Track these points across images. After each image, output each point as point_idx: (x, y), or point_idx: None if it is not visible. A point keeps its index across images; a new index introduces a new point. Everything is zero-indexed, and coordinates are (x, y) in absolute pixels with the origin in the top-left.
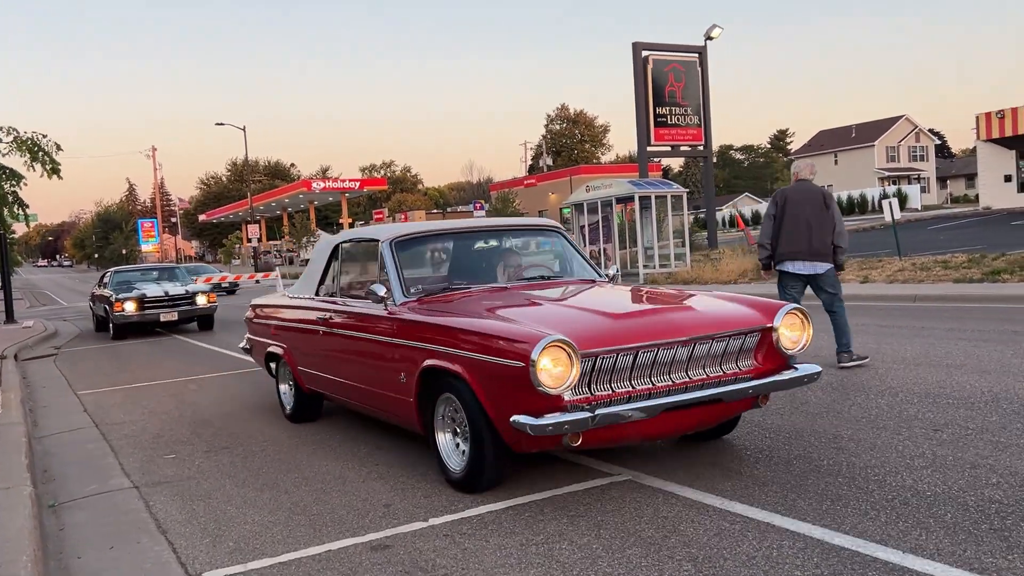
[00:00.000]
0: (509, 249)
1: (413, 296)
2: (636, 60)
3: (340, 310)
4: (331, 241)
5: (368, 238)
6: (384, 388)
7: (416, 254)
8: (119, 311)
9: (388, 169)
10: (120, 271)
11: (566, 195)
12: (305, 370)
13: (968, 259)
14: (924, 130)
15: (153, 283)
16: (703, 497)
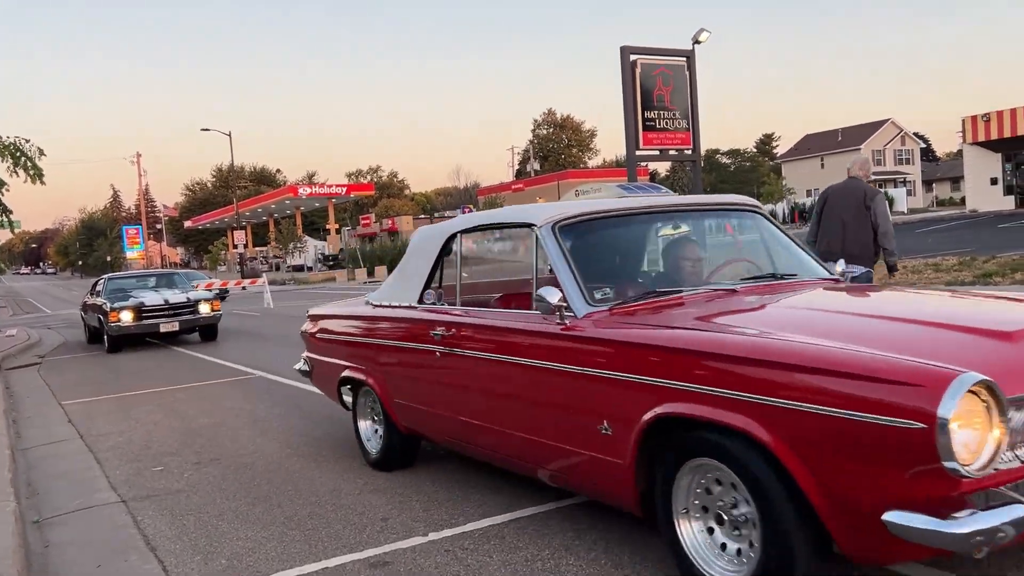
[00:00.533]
0: (693, 239)
1: (602, 305)
2: (624, 64)
3: (471, 323)
4: (443, 231)
5: (512, 222)
6: (564, 440)
7: (586, 245)
8: (115, 321)
9: (375, 175)
10: (114, 278)
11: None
12: (404, 403)
13: (959, 262)
14: (909, 133)
15: (151, 290)
16: None
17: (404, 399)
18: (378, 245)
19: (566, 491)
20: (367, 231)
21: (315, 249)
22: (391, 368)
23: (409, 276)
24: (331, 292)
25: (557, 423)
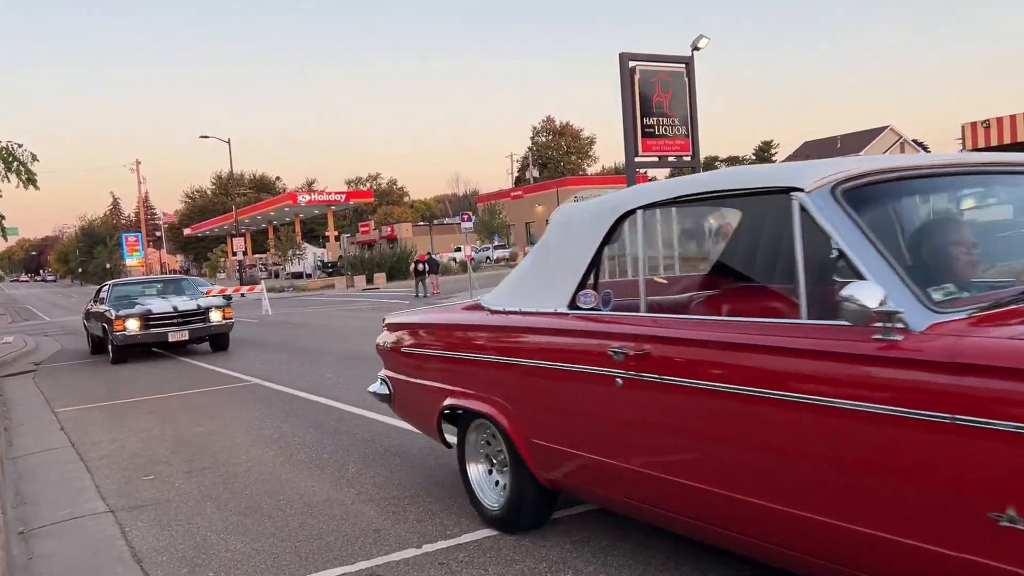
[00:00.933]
0: None
1: (950, 311)
2: (623, 71)
3: (693, 338)
4: (609, 207)
5: (748, 188)
6: (900, 530)
7: (888, 219)
8: (120, 330)
9: (374, 182)
10: (119, 284)
11: (553, 207)
12: (550, 447)
13: None
14: (908, 140)
15: (158, 297)
16: None
17: (550, 441)
18: (377, 252)
19: (563, 503)
20: (366, 238)
21: (314, 256)
22: (530, 398)
23: (553, 271)
24: (329, 299)
25: (888, 501)
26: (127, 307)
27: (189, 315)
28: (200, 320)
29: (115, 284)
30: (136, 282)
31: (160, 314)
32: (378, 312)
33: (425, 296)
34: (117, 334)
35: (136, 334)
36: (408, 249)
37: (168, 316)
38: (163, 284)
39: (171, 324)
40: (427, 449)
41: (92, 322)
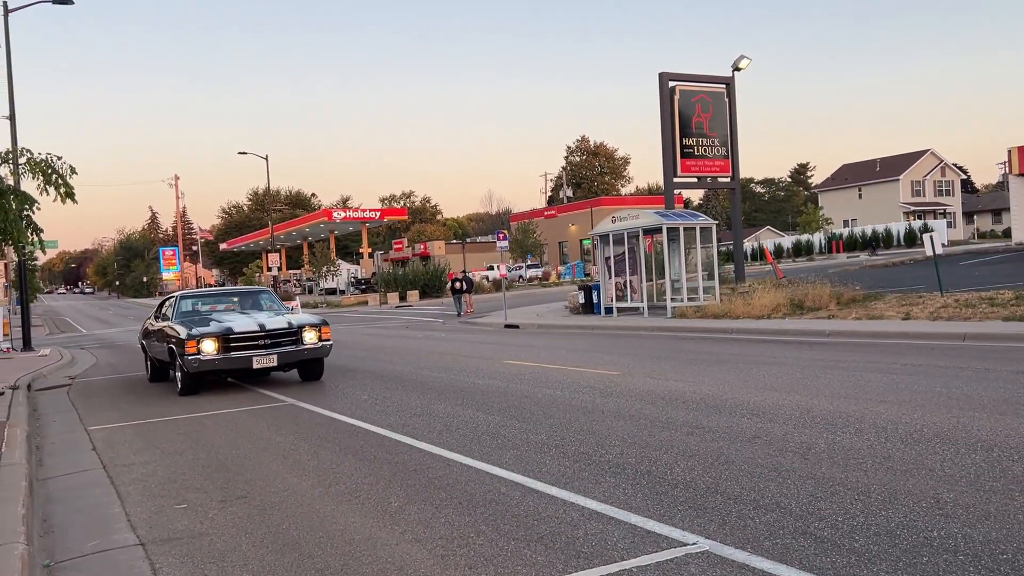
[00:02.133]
0: None
1: None
2: (663, 91)
3: None
4: None
5: None
6: None
7: None
8: (192, 353)
9: (408, 200)
10: (189, 296)
11: (586, 227)
12: None
13: (1015, 296)
14: (950, 164)
15: (236, 312)
16: (787, 572)
17: None
18: (410, 269)
19: (631, 550)
20: (399, 255)
21: (348, 272)
22: None
23: None
24: (363, 315)
25: None
26: (200, 324)
27: (279, 335)
28: (291, 342)
29: (183, 296)
30: (208, 294)
31: (243, 334)
32: (411, 330)
33: (459, 315)
34: (190, 358)
35: (213, 358)
36: (441, 267)
37: (253, 336)
38: (240, 297)
39: (257, 346)
40: (474, 482)
41: (153, 342)
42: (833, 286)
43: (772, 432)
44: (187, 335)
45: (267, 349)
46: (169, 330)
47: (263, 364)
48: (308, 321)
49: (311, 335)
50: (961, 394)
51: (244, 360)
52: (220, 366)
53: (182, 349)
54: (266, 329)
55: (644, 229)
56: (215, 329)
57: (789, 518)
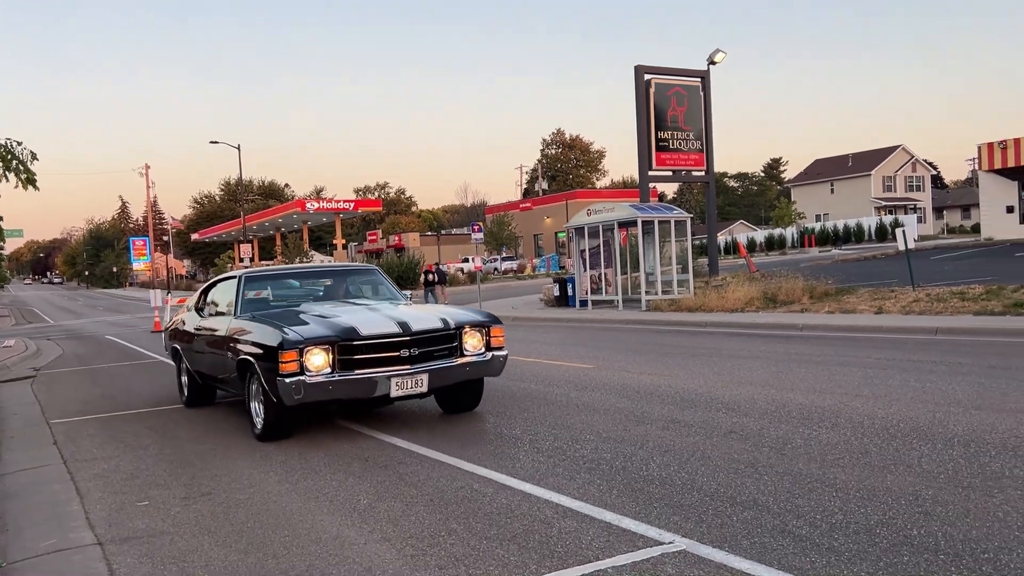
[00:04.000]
0: None
1: None
2: (638, 84)
3: None
4: None
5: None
6: None
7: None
8: (292, 372)
9: (382, 191)
10: (256, 276)
11: (562, 219)
12: None
13: (986, 290)
14: (920, 160)
15: (343, 303)
16: (766, 572)
17: None
18: (384, 261)
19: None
20: (374, 247)
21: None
22: None
23: None
24: None
25: None
26: (291, 322)
27: (430, 340)
28: (448, 352)
29: (249, 277)
30: (284, 274)
31: (377, 338)
32: None
33: None
34: (288, 380)
35: (326, 380)
36: (415, 258)
37: (392, 342)
38: (334, 279)
39: (397, 359)
40: (445, 478)
41: (199, 350)
42: (806, 280)
43: (748, 427)
44: (281, 340)
45: (412, 364)
46: (237, 332)
47: (406, 390)
48: (470, 318)
49: (475, 340)
50: (936, 388)
51: (373, 383)
52: (336, 393)
53: (271, 364)
54: (411, 331)
55: (619, 222)
56: (328, 330)
57: (767, 516)
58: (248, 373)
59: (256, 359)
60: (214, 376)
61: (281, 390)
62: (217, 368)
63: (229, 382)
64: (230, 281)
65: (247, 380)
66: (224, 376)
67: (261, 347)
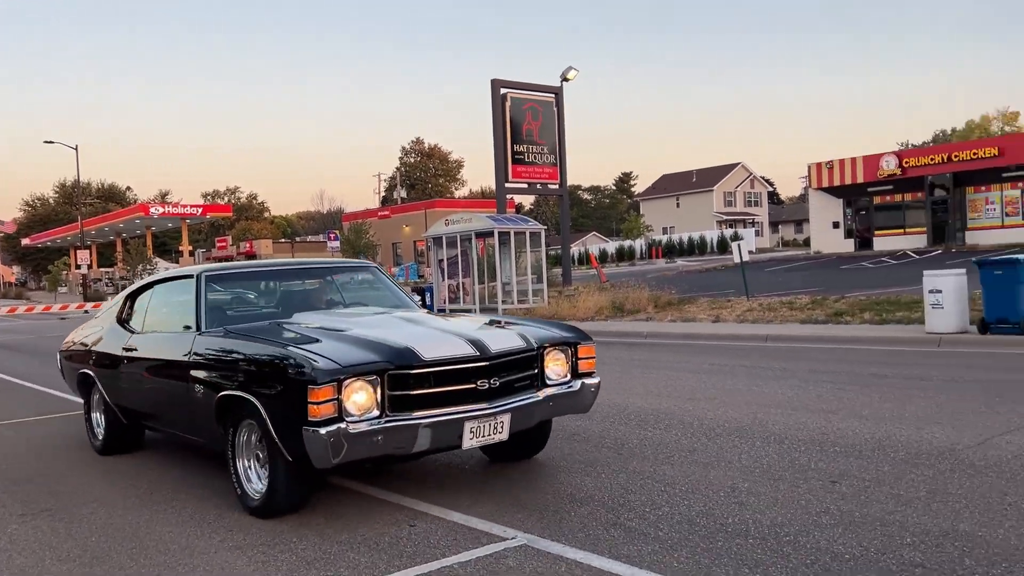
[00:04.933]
0: None
1: None
2: (495, 97)
3: None
4: None
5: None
6: None
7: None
8: (327, 417)
9: (233, 196)
10: (223, 275)
11: (420, 228)
12: None
13: (811, 300)
14: (758, 177)
15: (343, 311)
16: (597, 561)
17: None
18: None
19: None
20: (223, 254)
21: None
22: None
23: None
24: None
25: None
26: (303, 340)
27: (510, 365)
28: (528, 379)
29: (213, 276)
30: (261, 271)
31: (444, 362)
32: None
33: None
34: (323, 431)
35: (374, 430)
36: None
37: (466, 367)
38: (325, 278)
39: (472, 394)
40: None
41: (126, 377)
42: (652, 290)
43: (591, 429)
44: (310, 369)
45: (492, 400)
46: (208, 355)
47: (482, 437)
48: (551, 334)
49: (559, 364)
50: (760, 391)
51: (441, 431)
52: (387, 446)
53: (290, 405)
54: (490, 353)
55: (477, 232)
56: (374, 353)
57: (602, 510)
58: (234, 418)
59: (259, 398)
60: (156, 415)
61: (312, 446)
62: (165, 405)
63: (189, 426)
64: (181, 282)
65: (231, 428)
66: (179, 417)
67: (269, 379)
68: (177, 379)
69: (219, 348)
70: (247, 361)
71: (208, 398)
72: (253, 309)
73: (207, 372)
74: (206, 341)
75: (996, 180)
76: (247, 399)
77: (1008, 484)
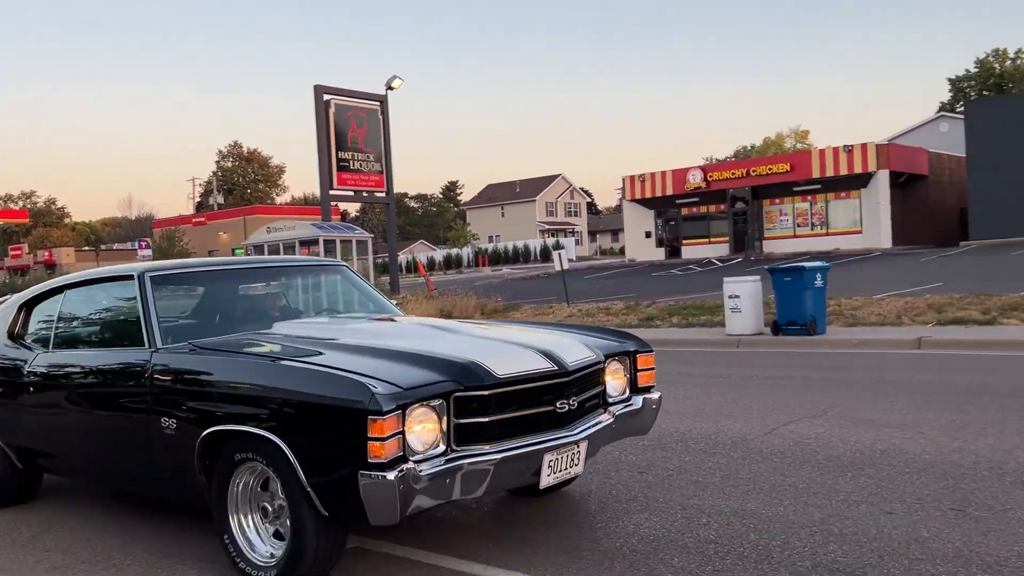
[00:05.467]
0: None
1: None
2: (318, 104)
3: None
4: None
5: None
6: None
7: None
8: (390, 457)
9: (29, 200)
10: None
11: (239, 235)
12: None
13: (626, 306)
14: (577, 188)
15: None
16: None
17: None
18: (33, 278)
19: None
20: (18, 263)
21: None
22: None
23: None
24: None
25: None
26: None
27: (585, 381)
28: (596, 398)
29: (160, 277)
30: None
31: (521, 379)
32: None
33: None
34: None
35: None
36: None
37: (546, 384)
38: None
39: (550, 419)
40: (116, 506)
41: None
42: (479, 298)
43: None
44: (370, 396)
45: (569, 425)
46: (182, 379)
47: (559, 472)
48: (611, 344)
49: (619, 378)
50: None
51: (521, 466)
52: (452, 491)
53: (345, 437)
54: (568, 368)
55: (301, 240)
56: (435, 371)
57: None
58: (226, 462)
59: (280, 434)
60: (81, 458)
61: (372, 497)
62: (101, 445)
63: (139, 472)
64: (109, 286)
65: (223, 474)
66: (123, 461)
67: (297, 410)
68: (126, 411)
69: (196, 369)
70: (258, 388)
71: (184, 436)
72: (214, 318)
73: (182, 402)
74: (170, 360)
75: (789, 193)
76: (259, 436)
77: (788, 467)
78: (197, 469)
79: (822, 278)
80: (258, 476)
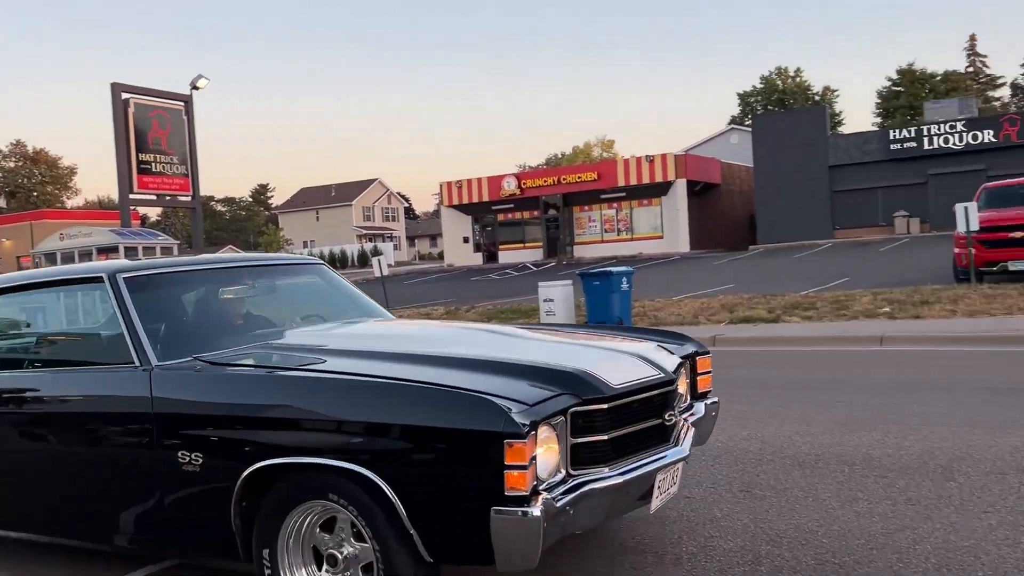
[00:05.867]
0: None
1: None
2: (116, 102)
3: None
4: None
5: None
6: None
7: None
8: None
9: None
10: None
11: (26, 242)
12: None
13: (446, 311)
14: (395, 193)
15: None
16: None
17: None
18: None
19: None
20: None
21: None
22: None
23: None
24: None
25: None
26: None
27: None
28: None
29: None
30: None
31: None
32: None
33: None
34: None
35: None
36: None
37: (656, 394)
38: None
39: (659, 433)
40: None
41: None
42: None
43: None
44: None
45: (676, 440)
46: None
47: (664, 493)
48: (679, 348)
49: (683, 387)
50: None
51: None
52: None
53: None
54: (670, 374)
55: (99, 248)
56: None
57: None
58: (276, 503)
59: (373, 467)
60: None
61: (506, 538)
62: (81, 490)
63: (136, 520)
64: (65, 290)
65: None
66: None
67: (410, 436)
68: (112, 446)
69: (226, 391)
70: (334, 412)
71: (214, 473)
72: (205, 325)
73: (207, 432)
74: (181, 381)
75: (596, 201)
76: (337, 469)
77: None
78: (234, 513)
79: (627, 282)
80: (317, 518)
